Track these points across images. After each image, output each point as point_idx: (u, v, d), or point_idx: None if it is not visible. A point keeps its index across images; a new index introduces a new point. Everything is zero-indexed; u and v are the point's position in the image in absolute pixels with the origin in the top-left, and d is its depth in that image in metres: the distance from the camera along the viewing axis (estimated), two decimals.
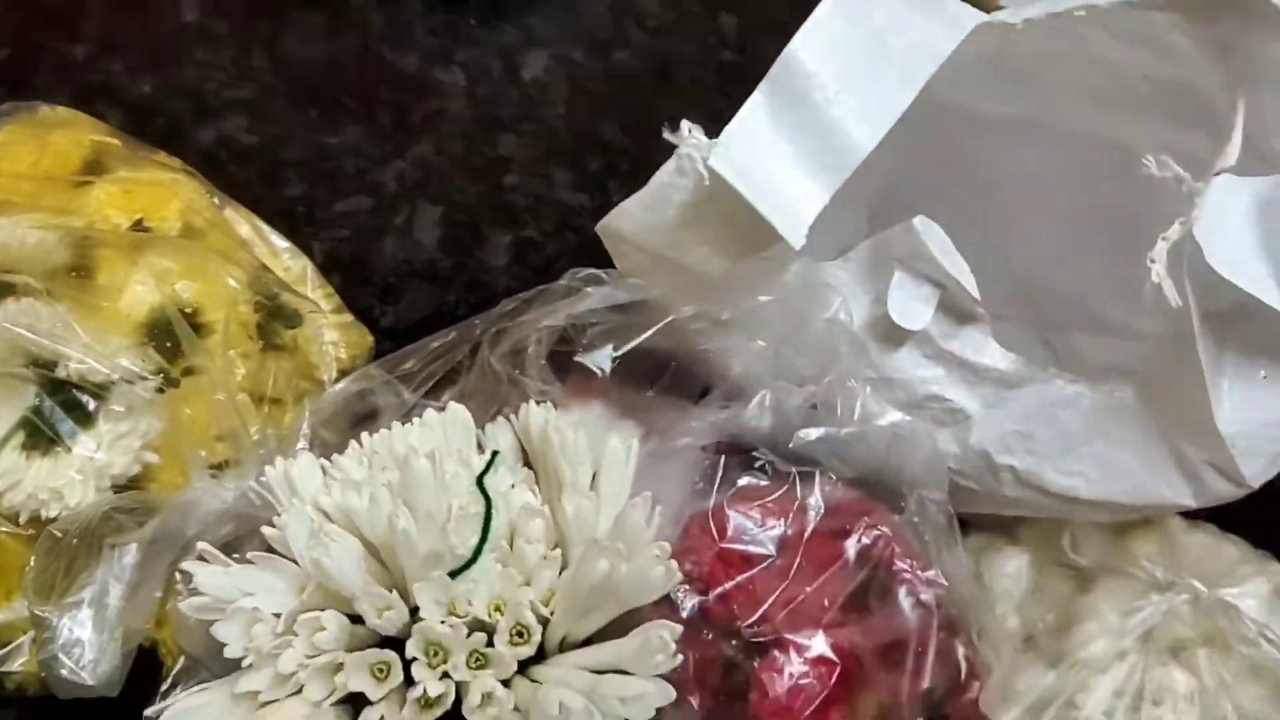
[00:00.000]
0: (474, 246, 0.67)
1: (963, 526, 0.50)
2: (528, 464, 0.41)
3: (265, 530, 0.38)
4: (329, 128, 0.73)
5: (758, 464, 0.38)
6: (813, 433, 0.39)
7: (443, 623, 0.35)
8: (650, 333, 0.38)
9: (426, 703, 0.35)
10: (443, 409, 0.42)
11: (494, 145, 0.74)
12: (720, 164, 0.36)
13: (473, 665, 0.36)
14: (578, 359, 0.39)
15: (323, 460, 0.41)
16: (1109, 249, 0.41)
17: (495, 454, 0.41)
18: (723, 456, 0.38)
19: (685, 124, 0.38)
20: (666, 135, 0.37)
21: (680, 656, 0.36)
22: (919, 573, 0.38)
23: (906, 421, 0.42)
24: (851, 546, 0.37)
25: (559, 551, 0.37)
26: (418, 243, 0.68)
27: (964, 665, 0.38)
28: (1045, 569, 0.47)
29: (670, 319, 0.38)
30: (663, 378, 0.39)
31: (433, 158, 0.73)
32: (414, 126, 0.74)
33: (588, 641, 0.37)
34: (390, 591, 0.35)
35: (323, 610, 0.36)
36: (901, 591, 0.38)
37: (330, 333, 0.50)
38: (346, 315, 0.51)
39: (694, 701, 0.36)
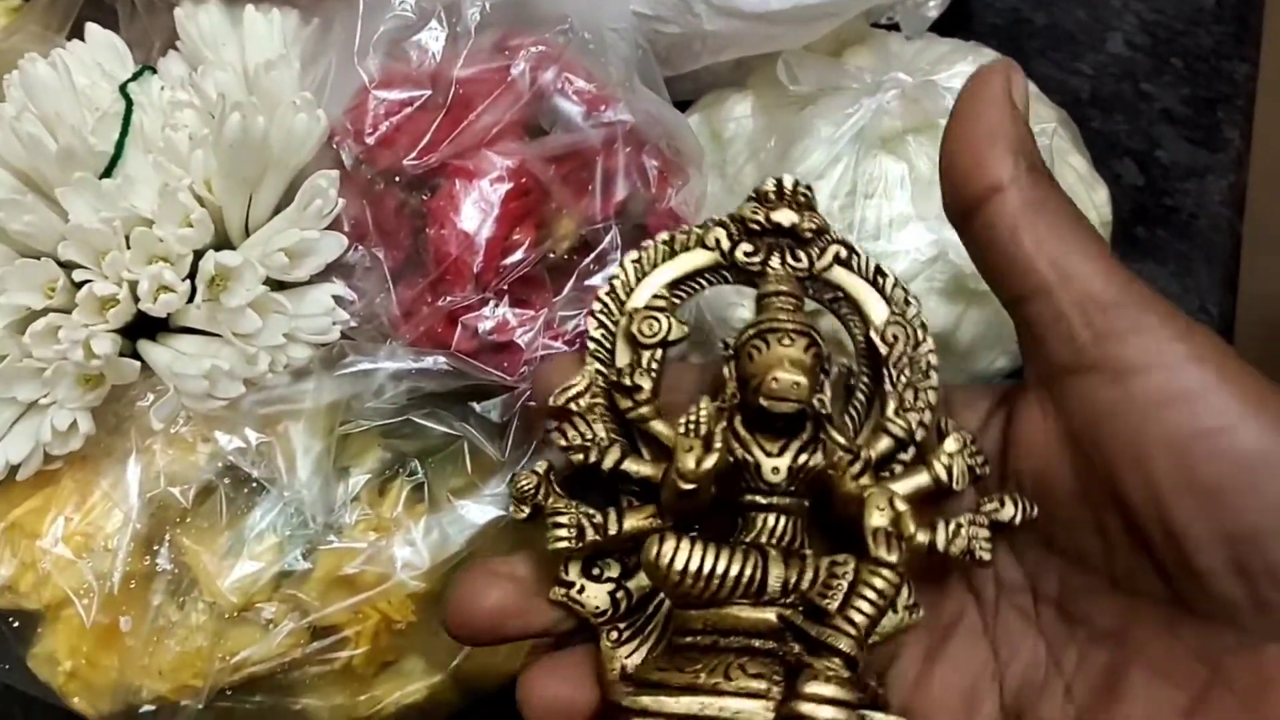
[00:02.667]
0: None
1: (694, 99, 0.49)
2: None
3: None
4: None
5: (401, 5, 0.36)
6: None
7: (97, 223, 0.34)
8: None
9: (101, 305, 0.34)
10: None
11: None
12: None
13: (150, 262, 0.35)
14: None
15: None
16: None
17: (144, 67, 0.39)
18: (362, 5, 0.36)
19: None
20: None
21: (341, 201, 0.35)
22: (598, 94, 0.37)
23: None
24: (516, 72, 0.36)
25: (208, 133, 0.35)
26: None
27: (655, 177, 0.38)
28: (772, 109, 0.46)
29: None
30: None
31: None
32: None
33: None
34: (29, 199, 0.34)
35: None
36: (578, 112, 0.37)
37: None
38: None
39: (380, 255, 0.35)
